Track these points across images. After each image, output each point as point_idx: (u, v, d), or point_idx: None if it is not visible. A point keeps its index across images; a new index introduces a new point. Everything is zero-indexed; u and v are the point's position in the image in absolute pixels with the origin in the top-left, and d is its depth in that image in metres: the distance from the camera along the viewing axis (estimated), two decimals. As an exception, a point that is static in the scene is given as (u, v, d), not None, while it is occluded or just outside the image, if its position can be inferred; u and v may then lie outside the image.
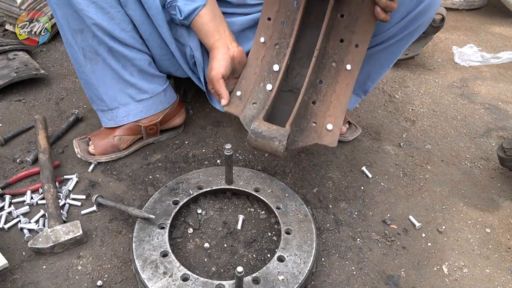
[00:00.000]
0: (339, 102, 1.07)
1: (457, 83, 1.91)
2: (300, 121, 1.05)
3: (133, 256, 0.97)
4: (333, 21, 1.07)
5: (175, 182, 1.17)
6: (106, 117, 1.30)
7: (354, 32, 1.06)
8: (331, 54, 1.09)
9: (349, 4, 1.05)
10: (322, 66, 1.09)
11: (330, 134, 1.05)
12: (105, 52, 1.17)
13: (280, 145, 0.93)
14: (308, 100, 1.07)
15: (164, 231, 1.03)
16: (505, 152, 1.29)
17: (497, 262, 1.11)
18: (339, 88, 1.08)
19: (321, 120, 1.06)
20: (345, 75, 1.08)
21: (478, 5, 2.77)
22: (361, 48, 1.07)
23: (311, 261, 0.98)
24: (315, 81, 1.08)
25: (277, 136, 0.94)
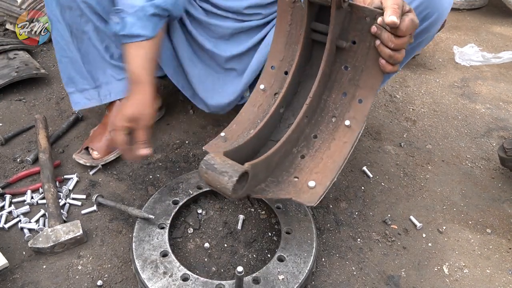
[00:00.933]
0: (331, 161, 0.97)
1: (458, 83, 1.91)
2: (281, 173, 0.96)
3: (133, 256, 0.97)
4: (337, 74, 1.01)
5: (175, 182, 1.17)
6: (85, 97, 1.30)
7: (359, 86, 0.99)
8: (331, 108, 1.02)
9: (354, 56, 0.98)
10: (320, 120, 1.02)
11: (311, 191, 0.93)
12: (91, 31, 1.20)
13: (229, 182, 0.79)
14: (297, 154, 1.00)
15: (164, 231, 1.03)
16: (506, 152, 1.29)
17: (498, 263, 1.11)
18: (334, 146, 0.99)
19: (305, 176, 0.96)
20: (343, 132, 0.99)
21: (479, 5, 2.77)
22: (365, 103, 0.98)
23: (311, 260, 0.98)
24: (309, 135, 1.01)
25: (229, 171, 0.81)
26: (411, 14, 0.86)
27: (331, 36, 0.95)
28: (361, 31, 0.96)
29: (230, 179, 0.80)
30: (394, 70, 0.93)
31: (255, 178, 0.88)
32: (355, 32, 0.97)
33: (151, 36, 1.06)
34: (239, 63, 1.30)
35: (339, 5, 0.91)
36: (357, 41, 0.97)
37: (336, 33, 0.97)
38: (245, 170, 0.82)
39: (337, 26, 0.96)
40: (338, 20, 0.95)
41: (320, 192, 0.92)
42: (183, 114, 1.56)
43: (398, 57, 0.90)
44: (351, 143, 0.98)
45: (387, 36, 0.88)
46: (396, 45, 0.88)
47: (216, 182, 0.82)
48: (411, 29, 0.86)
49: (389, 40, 0.88)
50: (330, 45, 0.96)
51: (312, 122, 1.02)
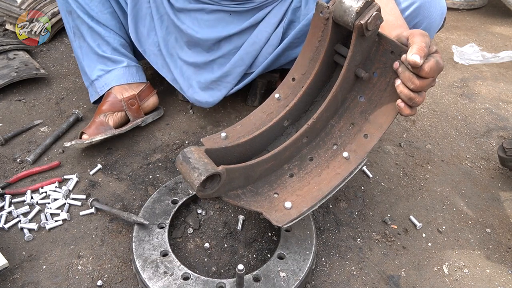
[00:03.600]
0: (317, 188, 0.94)
1: (457, 83, 1.91)
2: (263, 185, 0.94)
3: (133, 256, 0.97)
4: (351, 102, 0.98)
5: (173, 182, 1.17)
6: (93, 90, 1.45)
7: (368, 120, 0.95)
8: (335, 135, 0.99)
9: (372, 88, 0.94)
10: (321, 143, 1.00)
11: (284, 212, 0.90)
12: (85, 31, 1.36)
13: (197, 179, 0.79)
14: (287, 171, 0.98)
15: (164, 230, 1.03)
16: (506, 152, 1.29)
17: (498, 262, 1.11)
18: (326, 174, 0.95)
19: (285, 195, 0.93)
20: (340, 163, 0.96)
21: (478, 4, 2.77)
22: (370, 140, 0.94)
23: (311, 258, 0.98)
24: (306, 156, 0.99)
25: (200, 169, 0.80)
26: (437, 55, 0.81)
27: (348, 62, 0.91)
28: (384, 64, 0.91)
29: (199, 176, 0.79)
30: (412, 114, 0.88)
31: (230, 183, 0.87)
32: (379, 64, 0.92)
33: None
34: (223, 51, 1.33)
35: (361, 32, 0.85)
36: (378, 73, 0.93)
37: (356, 61, 0.93)
38: (216, 172, 0.81)
39: (358, 53, 0.91)
40: (360, 47, 0.90)
41: (293, 215, 0.89)
42: (183, 114, 1.56)
43: (418, 100, 0.84)
44: (343, 176, 0.93)
45: (408, 76, 0.82)
46: (416, 86, 0.82)
47: (187, 175, 0.82)
48: (435, 72, 0.80)
49: (409, 80, 0.82)
50: (346, 71, 0.93)
51: (313, 144, 0.99)
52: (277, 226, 0.88)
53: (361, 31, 0.85)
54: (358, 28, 0.84)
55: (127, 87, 1.41)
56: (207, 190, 0.83)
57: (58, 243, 1.08)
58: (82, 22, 1.34)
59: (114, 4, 1.36)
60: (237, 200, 0.91)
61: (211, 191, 0.84)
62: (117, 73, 1.40)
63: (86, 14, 1.33)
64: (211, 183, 0.83)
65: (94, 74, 1.40)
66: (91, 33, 1.36)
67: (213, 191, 0.84)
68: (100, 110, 1.37)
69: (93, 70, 1.39)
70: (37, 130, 1.46)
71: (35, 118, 1.51)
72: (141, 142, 1.43)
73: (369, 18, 0.82)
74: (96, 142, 1.29)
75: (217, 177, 0.83)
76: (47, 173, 1.28)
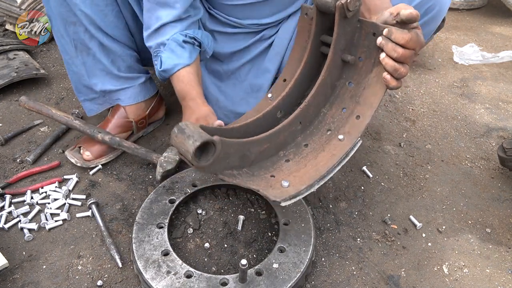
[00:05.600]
0: (314, 169, 0.95)
1: (457, 83, 1.91)
2: (259, 169, 0.96)
3: (134, 257, 0.97)
4: (340, 89, 1.02)
5: (170, 181, 1.17)
6: (97, 103, 1.34)
7: (359, 103, 0.99)
8: (328, 122, 1.02)
9: (359, 72, 0.99)
10: (315, 131, 1.02)
11: (281, 189, 0.90)
12: (95, 47, 1.21)
13: (192, 146, 0.78)
14: (282, 157, 1.00)
15: (163, 230, 1.03)
16: (506, 152, 1.29)
17: (498, 262, 1.11)
18: (322, 156, 0.97)
19: (282, 176, 0.95)
20: (335, 145, 0.98)
21: (478, 5, 2.77)
22: (362, 120, 0.97)
23: (311, 250, 0.99)
24: (301, 143, 1.01)
25: (195, 136, 0.80)
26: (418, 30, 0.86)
27: (334, 44, 0.95)
28: (368, 48, 0.95)
29: (194, 143, 0.79)
30: (398, 86, 0.92)
31: (225, 159, 0.87)
32: (363, 49, 0.97)
33: (188, 63, 1.09)
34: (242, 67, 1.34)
35: (343, 13, 0.90)
36: (363, 57, 0.97)
37: (342, 44, 0.96)
38: (211, 140, 0.81)
39: (342, 37, 0.95)
40: (343, 31, 0.94)
41: (291, 192, 0.89)
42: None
43: (402, 72, 0.89)
44: (339, 157, 0.96)
45: (391, 46, 0.87)
46: (400, 55, 0.86)
47: (181, 145, 0.81)
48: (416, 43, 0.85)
49: (392, 50, 0.87)
50: (332, 55, 0.96)
51: (307, 132, 1.02)
52: (275, 201, 0.87)
53: (343, 12, 0.90)
54: (339, 9, 0.89)
55: (142, 104, 1.37)
56: (202, 161, 0.83)
57: (58, 243, 1.08)
58: (91, 38, 1.19)
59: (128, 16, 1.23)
60: (232, 178, 0.91)
61: (205, 163, 0.83)
62: (133, 91, 1.33)
63: (99, 30, 1.18)
64: (206, 155, 0.83)
65: (105, 91, 1.30)
66: (103, 49, 1.22)
67: (208, 164, 0.84)
68: (107, 128, 1.32)
69: (104, 87, 1.29)
70: (37, 130, 1.46)
71: (35, 118, 1.51)
72: (141, 142, 1.43)
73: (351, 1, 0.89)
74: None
75: (211, 147, 0.83)
76: (47, 173, 1.28)
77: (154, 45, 1.12)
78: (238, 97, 1.36)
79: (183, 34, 1.08)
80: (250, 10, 1.23)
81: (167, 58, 1.08)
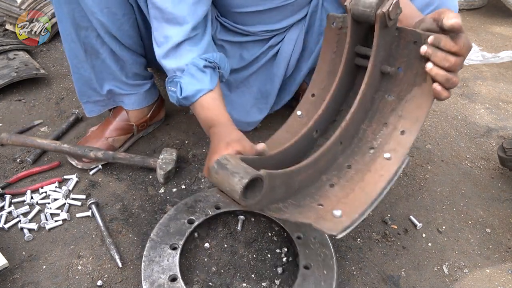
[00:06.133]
0: (364, 193, 0.87)
1: (457, 83, 1.91)
2: (304, 198, 0.88)
3: (141, 277, 0.94)
4: (379, 102, 0.94)
5: (193, 199, 1.12)
6: (99, 105, 1.33)
7: (402, 117, 0.90)
8: (370, 139, 0.94)
9: (399, 84, 0.91)
10: (356, 150, 0.94)
11: (335, 220, 0.82)
12: (106, 53, 1.19)
13: (239, 183, 0.72)
14: (326, 182, 0.91)
15: (176, 252, 0.98)
16: (506, 152, 1.29)
17: (498, 262, 1.11)
18: (369, 177, 0.89)
19: (331, 204, 0.86)
20: (381, 165, 0.89)
21: (478, 5, 2.77)
22: (408, 136, 0.89)
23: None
24: (343, 164, 0.93)
25: (240, 173, 0.73)
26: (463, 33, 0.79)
27: (374, 58, 0.88)
28: (408, 57, 0.89)
29: (241, 180, 0.72)
30: (448, 96, 0.84)
31: (272, 192, 0.80)
32: (402, 59, 0.90)
33: (210, 88, 1.00)
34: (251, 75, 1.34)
35: (384, 22, 0.83)
36: (403, 68, 0.90)
37: (381, 56, 0.90)
38: (258, 175, 0.74)
39: (382, 48, 0.89)
40: (383, 41, 0.88)
41: (345, 223, 0.80)
42: (183, 114, 1.56)
43: (455, 81, 0.81)
44: (389, 177, 0.88)
45: (441, 55, 0.79)
46: (452, 64, 0.79)
47: (226, 183, 0.74)
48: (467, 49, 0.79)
49: (443, 59, 0.79)
50: (372, 68, 0.89)
51: (348, 152, 0.93)
52: (331, 235, 0.78)
53: (384, 21, 0.83)
54: (380, 18, 0.82)
55: (144, 109, 1.37)
56: (249, 199, 0.76)
57: (58, 243, 1.08)
58: (103, 44, 1.16)
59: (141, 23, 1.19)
60: (280, 213, 0.83)
61: (253, 200, 0.76)
62: (137, 97, 1.33)
63: (112, 38, 1.15)
64: (253, 192, 0.76)
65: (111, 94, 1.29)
66: (114, 56, 1.20)
67: (256, 201, 0.77)
68: (105, 132, 1.32)
69: (110, 91, 1.28)
70: (37, 130, 1.46)
71: (35, 118, 1.51)
72: (141, 142, 1.43)
73: (390, 6, 0.81)
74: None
75: (259, 183, 0.76)
76: (47, 173, 1.28)
77: (170, 69, 1.04)
78: (249, 104, 1.36)
79: (203, 59, 1.02)
80: (259, 17, 1.23)
81: (188, 84, 1.00)
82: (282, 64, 1.31)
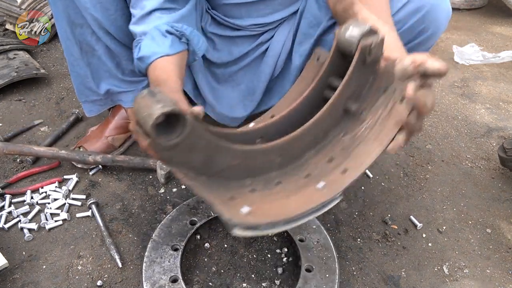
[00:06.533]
0: (281, 208, 0.83)
1: (457, 83, 1.91)
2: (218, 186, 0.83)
3: (142, 278, 0.94)
4: (333, 139, 0.92)
5: (195, 200, 1.12)
6: (98, 104, 1.32)
7: (349, 158, 0.89)
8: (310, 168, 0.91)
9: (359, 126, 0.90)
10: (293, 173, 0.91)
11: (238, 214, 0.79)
12: (101, 50, 1.19)
13: (160, 109, 0.63)
14: (249, 186, 0.87)
15: (177, 253, 0.98)
16: (506, 152, 1.29)
17: (498, 263, 1.11)
18: (293, 199, 0.86)
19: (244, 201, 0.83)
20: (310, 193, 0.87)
21: (478, 4, 2.77)
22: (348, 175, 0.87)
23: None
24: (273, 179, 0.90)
25: (167, 103, 0.65)
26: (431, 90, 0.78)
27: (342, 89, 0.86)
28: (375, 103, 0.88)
29: (163, 107, 0.63)
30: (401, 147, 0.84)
31: (189, 151, 0.74)
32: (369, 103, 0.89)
33: (168, 53, 0.97)
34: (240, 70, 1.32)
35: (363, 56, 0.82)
36: (367, 111, 0.89)
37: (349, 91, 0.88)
38: (184, 112, 0.67)
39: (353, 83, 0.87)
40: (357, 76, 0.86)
41: (249, 220, 0.76)
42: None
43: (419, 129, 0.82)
44: (312, 206, 0.84)
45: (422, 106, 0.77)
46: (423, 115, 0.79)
47: (146, 107, 0.65)
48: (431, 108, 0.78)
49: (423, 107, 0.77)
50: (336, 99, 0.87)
51: (284, 170, 0.91)
52: (228, 222, 0.73)
53: (363, 54, 0.82)
54: (362, 49, 0.81)
55: None
56: (162, 139, 0.68)
57: (58, 243, 1.08)
58: (98, 40, 1.16)
59: None
60: (187, 178, 0.76)
61: (166, 142, 0.68)
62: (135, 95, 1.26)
63: (106, 33, 1.14)
64: (170, 133, 0.68)
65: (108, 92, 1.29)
66: (109, 52, 1.20)
67: (168, 144, 0.69)
68: (105, 131, 1.32)
69: (107, 89, 1.27)
70: (37, 130, 1.46)
71: (35, 118, 1.51)
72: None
73: (373, 43, 0.81)
74: None
75: (179, 126, 0.68)
76: (47, 173, 1.28)
77: (137, 33, 1.03)
78: (235, 100, 1.35)
79: (168, 25, 0.99)
80: (247, 9, 1.22)
81: (146, 46, 0.97)
82: (270, 61, 1.29)
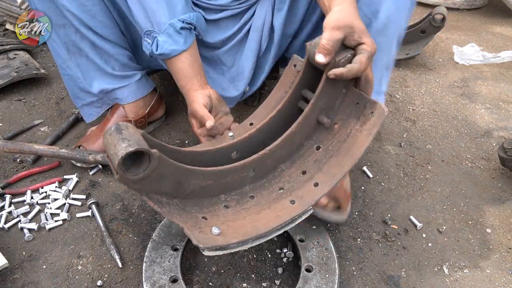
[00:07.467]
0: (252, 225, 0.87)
1: (458, 83, 1.91)
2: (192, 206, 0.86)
3: (142, 278, 0.94)
4: (307, 150, 0.95)
5: None
6: (95, 106, 1.34)
7: (321, 170, 0.91)
8: (284, 180, 0.94)
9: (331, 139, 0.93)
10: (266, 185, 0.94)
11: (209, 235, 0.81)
12: (87, 47, 1.21)
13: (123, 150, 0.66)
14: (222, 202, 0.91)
15: (177, 253, 0.98)
16: (506, 152, 1.29)
17: (498, 263, 1.11)
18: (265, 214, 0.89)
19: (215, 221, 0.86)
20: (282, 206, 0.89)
21: (479, 4, 2.77)
22: (320, 189, 0.90)
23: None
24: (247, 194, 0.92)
25: (131, 141, 0.68)
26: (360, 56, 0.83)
27: (314, 102, 0.90)
28: (347, 116, 0.91)
29: (126, 147, 0.66)
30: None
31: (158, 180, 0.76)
32: (341, 116, 0.92)
33: (184, 49, 1.10)
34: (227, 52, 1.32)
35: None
36: (339, 125, 0.92)
37: (321, 104, 0.91)
38: (148, 150, 0.69)
39: (325, 96, 0.90)
40: (327, 90, 0.89)
41: (219, 241, 0.79)
42: (183, 114, 1.56)
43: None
44: (284, 220, 0.87)
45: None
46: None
47: (113, 146, 0.68)
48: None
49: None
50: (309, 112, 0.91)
51: (257, 184, 0.93)
52: (198, 246, 0.77)
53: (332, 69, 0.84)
54: (330, 65, 0.83)
55: (140, 102, 1.37)
56: (129, 173, 0.70)
57: (58, 243, 1.08)
58: (82, 38, 1.18)
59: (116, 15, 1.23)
60: (158, 205, 0.79)
61: (133, 176, 0.71)
62: (130, 88, 1.32)
63: (89, 30, 1.17)
64: (137, 168, 0.71)
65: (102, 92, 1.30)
66: (95, 49, 1.22)
67: (135, 178, 0.71)
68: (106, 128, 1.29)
69: (100, 88, 1.29)
70: (37, 130, 1.46)
71: (35, 118, 1.51)
72: (141, 142, 1.43)
73: (343, 58, 0.83)
74: None
75: (146, 161, 0.71)
76: (47, 173, 1.28)
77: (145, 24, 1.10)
78: (226, 81, 1.36)
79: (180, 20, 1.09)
80: None
81: (165, 43, 1.08)
82: (255, 36, 1.29)
